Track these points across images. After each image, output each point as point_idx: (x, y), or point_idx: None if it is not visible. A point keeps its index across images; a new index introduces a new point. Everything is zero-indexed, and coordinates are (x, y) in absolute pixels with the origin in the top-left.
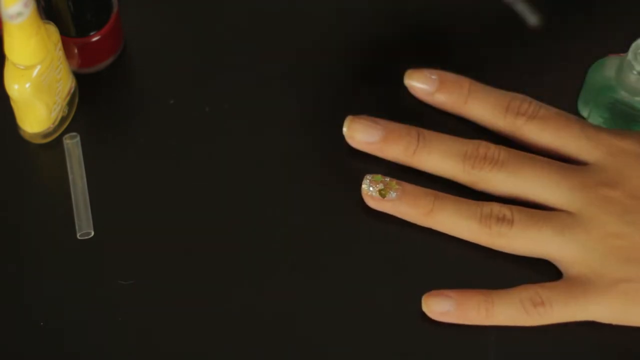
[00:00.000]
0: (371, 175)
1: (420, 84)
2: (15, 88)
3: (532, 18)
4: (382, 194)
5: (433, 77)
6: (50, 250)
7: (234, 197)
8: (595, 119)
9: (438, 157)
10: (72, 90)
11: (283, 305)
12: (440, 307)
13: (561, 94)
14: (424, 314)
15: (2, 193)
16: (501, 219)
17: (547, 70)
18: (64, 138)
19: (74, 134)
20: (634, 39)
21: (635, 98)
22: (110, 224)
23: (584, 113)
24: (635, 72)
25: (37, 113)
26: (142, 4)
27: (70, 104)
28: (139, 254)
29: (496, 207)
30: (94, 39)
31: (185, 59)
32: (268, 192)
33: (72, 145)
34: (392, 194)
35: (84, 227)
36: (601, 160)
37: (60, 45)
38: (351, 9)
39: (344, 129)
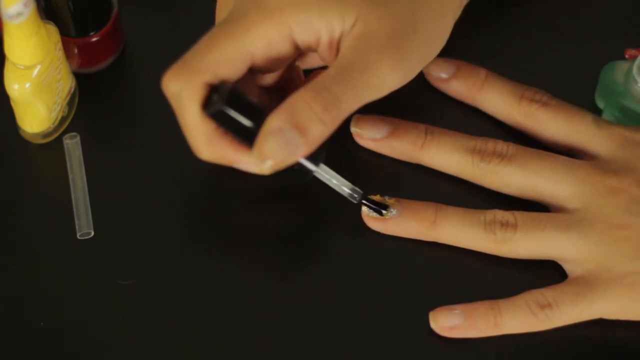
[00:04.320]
0: (369, 197)
1: (438, 71)
2: (15, 88)
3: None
4: (383, 213)
5: (450, 64)
6: (50, 250)
7: (234, 197)
8: (609, 115)
9: (446, 150)
10: (72, 90)
11: (283, 310)
12: (449, 321)
13: (579, 87)
14: (429, 329)
15: (2, 193)
16: (505, 224)
17: (565, 63)
18: (64, 138)
19: (74, 134)
20: None
21: None
22: (110, 224)
23: (601, 106)
24: (638, 86)
25: (37, 113)
26: (142, 4)
27: (70, 104)
28: (139, 254)
29: (499, 213)
30: (94, 39)
31: None
32: (270, 193)
33: (72, 145)
34: (393, 212)
35: (84, 227)
36: (610, 151)
37: (60, 45)
38: None
39: (352, 127)
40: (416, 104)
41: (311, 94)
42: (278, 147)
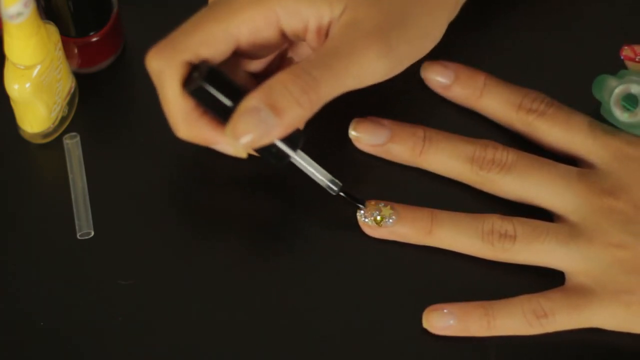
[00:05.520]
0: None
1: (437, 76)
2: (15, 88)
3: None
4: (379, 222)
5: (449, 70)
6: (50, 250)
7: (234, 197)
8: (605, 112)
9: (445, 157)
10: (72, 90)
11: (282, 310)
12: (441, 322)
13: (578, 83)
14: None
15: (2, 193)
16: (503, 235)
17: (565, 59)
18: (64, 138)
19: (74, 134)
20: None
21: (628, 129)
22: (110, 224)
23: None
24: (619, 118)
25: (37, 113)
26: (142, 4)
27: (70, 104)
28: (139, 254)
29: (497, 222)
30: (94, 39)
31: None
32: (269, 194)
33: (72, 145)
34: (389, 221)
35: (84, 227)
36: (606, 164)
37: (60, 45)
38: None
39: (351, 131)
40: (416, 104)
41: (290, 77)
42: (252, 125)
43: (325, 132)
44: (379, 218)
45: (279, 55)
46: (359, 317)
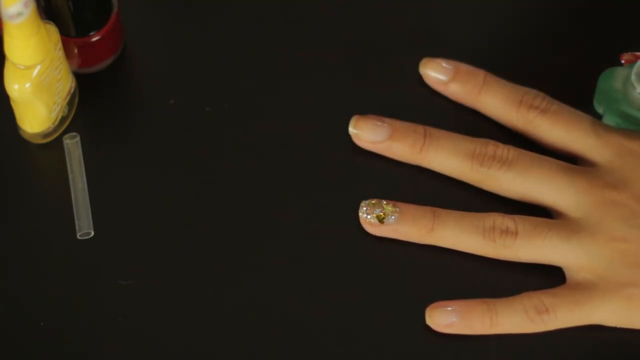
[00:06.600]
0: (367, 202)
1: (435, 73)
2: (15, 88)
3: None
4: (381, 219)
5: (448, 66)
6: (50, 250)
7: (234, 197)
8: (608, 121)
9: (445, 154)
10: (72, 90)
11: (283, 308)
12: (444, 319)
13: (578, 92)
14: (426, 325)
15: (2, 193)
16: (505, 231)
17: (564, 68)
18: (64, 138)
19: (74, 134)
20: None
21: None
22: (110, 224)
23: (600, 111)
24: (637, 92)
25: (37, 113)
26: (142, 4)
27: (70, 104)
28: (139, 254)
29: (498, 219)
30: (94, 39)
31: (186, 59)
32: (270, 194)
33: (72, 145)
34: (391, 219)
35: (84, 227)
36: (609, 160)
37: (60, 45)
38: (355, 6)
39: (351, 129)
40: (416, 103)
41: None
42: None
43: (325, 130)
44: (381, 215)
45: None
46: (361, 315)
